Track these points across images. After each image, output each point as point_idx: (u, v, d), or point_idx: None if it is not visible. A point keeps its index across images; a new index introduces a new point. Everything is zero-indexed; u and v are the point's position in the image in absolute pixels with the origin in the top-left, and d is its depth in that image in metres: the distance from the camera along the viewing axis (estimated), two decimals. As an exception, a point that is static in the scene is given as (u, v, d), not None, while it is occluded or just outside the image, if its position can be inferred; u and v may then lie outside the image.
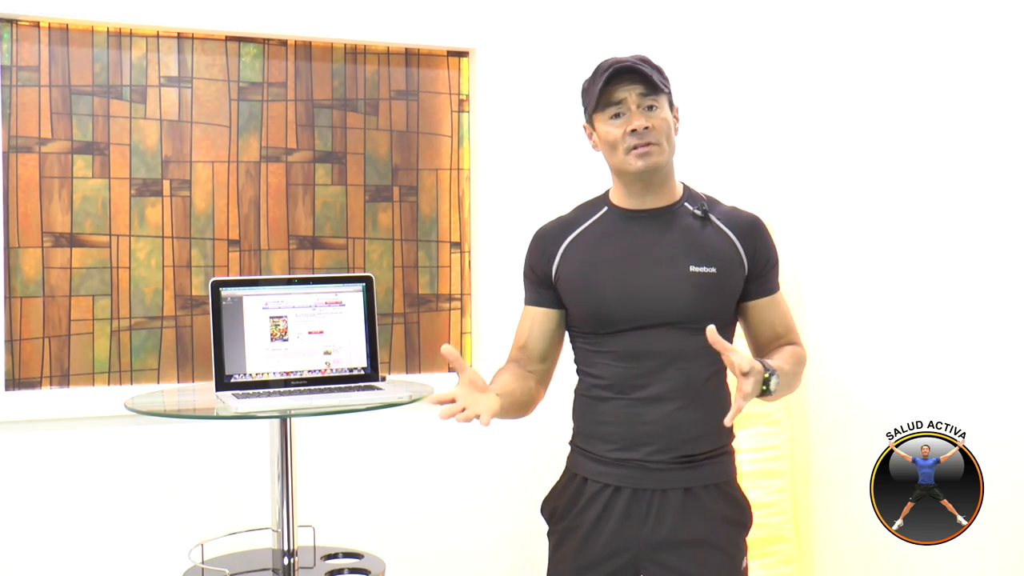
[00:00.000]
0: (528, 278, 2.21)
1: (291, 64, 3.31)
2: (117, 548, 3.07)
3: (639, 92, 2.04)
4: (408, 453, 3.35)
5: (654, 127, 2.04)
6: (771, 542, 3.28)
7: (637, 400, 2.06)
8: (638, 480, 2.07)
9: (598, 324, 2.10)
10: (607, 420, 2.10)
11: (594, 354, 2.12)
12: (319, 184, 3.34)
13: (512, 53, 3.43)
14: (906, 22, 3.09)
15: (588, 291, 2.10)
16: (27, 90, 3.06)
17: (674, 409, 2.05)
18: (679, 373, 2.06)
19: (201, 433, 3.11)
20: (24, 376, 3.06)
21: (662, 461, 2.06)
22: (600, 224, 2.15)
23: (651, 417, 2.05)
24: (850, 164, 3.30)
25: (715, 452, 2.10)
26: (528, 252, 2.21)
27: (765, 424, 3.31)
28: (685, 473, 2.07)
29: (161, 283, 3.19)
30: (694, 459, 2.07)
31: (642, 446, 2.06)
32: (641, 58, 2.10)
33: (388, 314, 3.40)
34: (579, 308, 2.12)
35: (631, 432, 2.07)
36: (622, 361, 2.08)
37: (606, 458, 2.09)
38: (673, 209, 2.12)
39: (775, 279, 2.17)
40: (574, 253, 2.13)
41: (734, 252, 2.09)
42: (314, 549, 2.75)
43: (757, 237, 2.13)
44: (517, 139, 3.43)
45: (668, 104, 2.09)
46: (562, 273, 2.14)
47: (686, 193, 2.16)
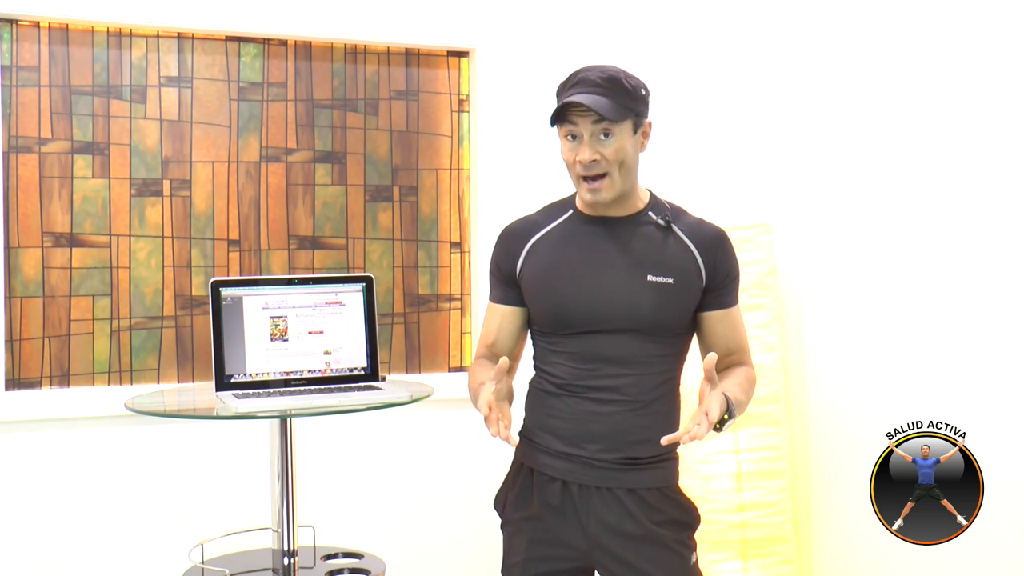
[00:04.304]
0: (494, 275, 2.23)
1: (291, 64, 3.31)
2: (117, 548, 3.07)
3: (592, 120, 2.02)
4: (408, 453, 3.35)
5: (604, 157, 2.03)
6: (771, 542, 3.28)
7: (589, 400, 2.09)
8: (583, 476, 2.09)
9: (556, 325, 2.12)
10: (557, 415, 2.12)
11: (551, 353, 2.15)
12: (319, 184, 3.34)
13: (512, 53, 3.43)
14: (906, 28, 3.08)
15: (548, 292, 2.12)
16: (27, 90, 3.06)
17: (623, 412, 2.08)
18: (632, 378, 2.08)
19: (201, 433, 3.11)
20: (24, 376, 3.06)
21: (607, 460, 2.08)
22: (564, 227, 2.16)
23: (600, 417, 2.08)
24: (850, 165, 3.30)
25: (660, 457, 2.12)
26: (494, 249, 2.23)
27: (765, 424, 3.31)
28: (629, 474, 2.09)
29: (161, 283, 3.19)
30: (638, 462, 2.09)
31: (589, 443, 2.09)
32: (610, 77, 2.03)
33: (388, 314, 3.40)
34: (539, 308, 2.15)
35: (579, 429, 2.09)
36: (577, 362, 2.10)
37: (553, 451, 2.12)
38: (636, 218, 2.13)
39: (733, 294, 2.18)
40: (538, 254, 2.15)
41: (693, 264, 2.11)
42: (314, 549, 2.75)
43: (718, 250, 2.13)
44: (517, 139, 3.43)
45: (633, 126, 2.05)
46: (525, 273, 2.16)
47: (652, 202, 2.16)
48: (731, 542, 3.22)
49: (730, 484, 3.26)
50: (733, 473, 3.28)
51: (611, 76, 2.04)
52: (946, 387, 2.90)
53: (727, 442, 3.28)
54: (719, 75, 3.58)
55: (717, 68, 3.58)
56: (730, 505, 3.24)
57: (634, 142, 2.07)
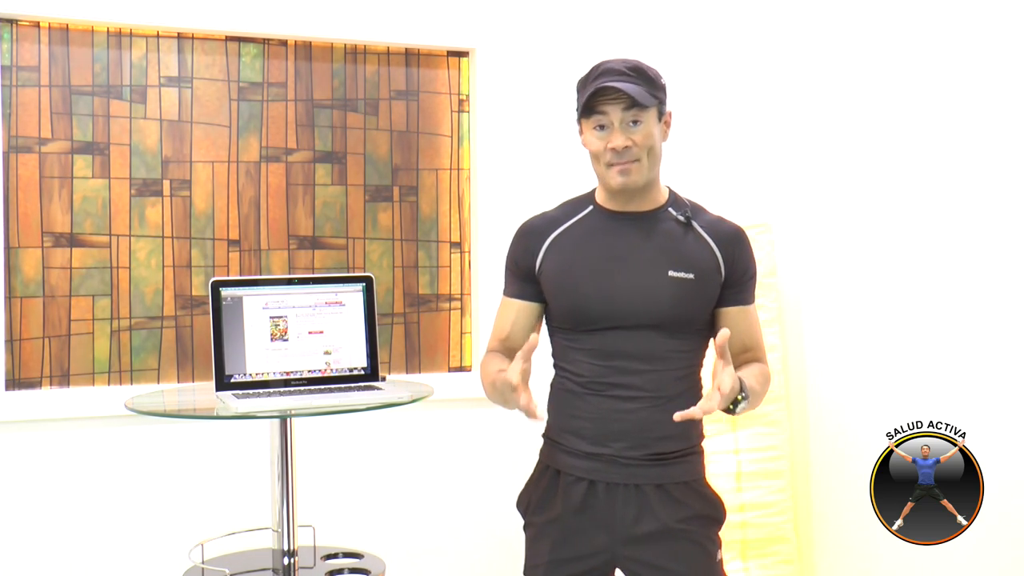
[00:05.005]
0: (511, 271, 2.23)
1: (291, 64, 3.31)
2: (117, 548, 3.07)
3: (623, 107, 2.04)
4: (408, 453, 3.35)
5: (635, 143, 2.05)
6: (771, 542, 3.29)
7: (611, 397, 2.09)
8: (611, 474, 2.09)
9: (576, 321, 2.12)
10: (580, 415, 2.12)
11: (571, 350, 2.14)
12: (319, 184, 3.34)
13: (512, 53, 3.43)
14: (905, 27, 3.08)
15: (569, 288, 2.12)
16: (27, 90, 3.06)
17: (646, 408, 2.08)
18: (653, 374, 2.09)
19: (201, 433, 3.11)
20: (24, 376, 3.06)
21: (633, 457, 2.09)
22: (584, 223, 2.16)
23: (623, 414, 2.08)
24: (850, 165, 3.30)
25: (685, 452, 2.13)
26: (512, 245, 2.23)
27: (765, 424, 3.31)
28: (657, 470, 2.10)
29: (161, 283, 3.19)
30: (665, 457, 2.10)
31: (614, 441, 2.09)
32: (633, 66, 2.07)
33: (388, 314, 3.40)
34: (559, 304, 2.15)
35: (604, 428, 2.09)
36: (598, 359, 2.10)
37: (578, 451, 2.12)
38: (656, 214, 2.14)
39: (750, 291, 2.19)
40: (557, 250, 2.15)
41: (713, 259, 2.12)
42: (314, 549, 2.75)
43: (737, 247, 2.15)
44: (517, 139, 3.43)
45: (657, 114, 2.08)
46: (545, 269, 2.16)
47: (671, 198, 2.17)
48: (731, 542, 3.22)
49: (730, 484, 3.26)
50: (733, 473, 3.28)
51: (635, 65, 2.08)
52: (946, 387, 2.90)
53: (727, 442, 3.28)
54: (719, 75, 3.58)
55: (717, 68, 3.58)
56: (730, 505, 3.23)
57: (659, 130, 2.10)
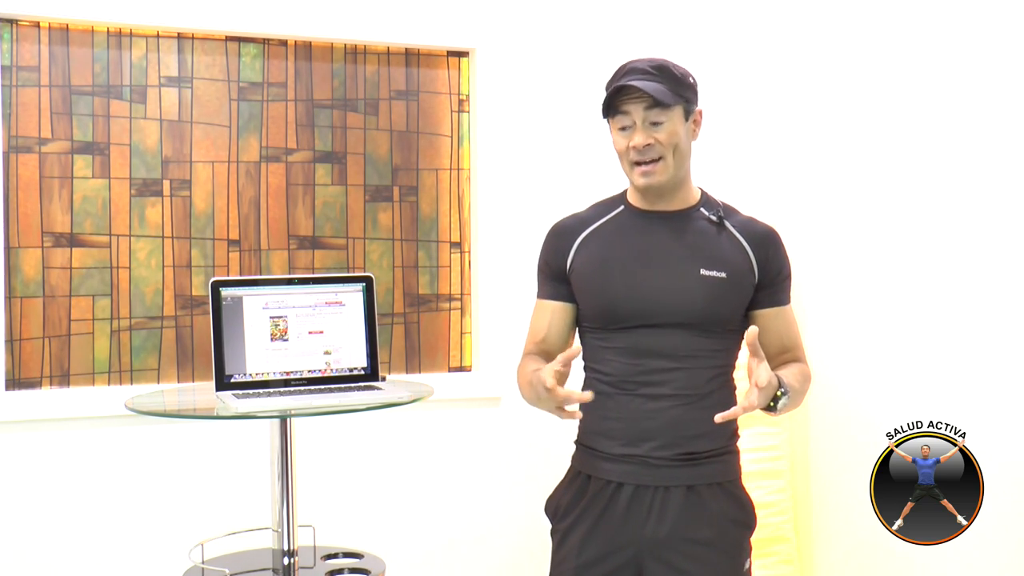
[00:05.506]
0: (543, 272, 2.23)
1: (291, 64, 3.31)
2: (117, 548, 3.07)
3: (645, 106, 2.04)
4: (408, 453, 3.35)
5: (658, 142, 2.05)
6: (771, 542, 3.28)
7: (642, 396, 2.08)
8: (641, 476, 2.07)
9: (607, 320, 2.11)
10: (612, 416, 2.10)
11: (602, 349, 2.13)
12: (319, 184, 3.34)
13: (512, 53, 3.43)
14: (908, 28, 3.08)
15: (599, 287, 2.11)
16: (27, 90, 3.06)
17: (677, 407, 2.07)
18: (684, 373, 2.07)
19: (201, 433, 3.11)
20: (24, 376, 3.06)
21: (664, 457, 2.07)
22: (615, 222, 2.16)
23: (654, 413, 2.07)
24: (850, 165, 3.30)
25: (718, 451, 2.11)
26: (543, 247, 2.23)
27: (765, 424, 3.31)
28: (688, 471, 2.08)
29: (161, 283, 3.19)
30: (697, 457, 2.08)
31: (645, 441, 2.07)
32: (659, 65, 2.07)
33: (388, 314, 3.40)
34: (590, 303, 2.14)
35: (635, 427, 2.08)
36: (629, 357, 2.09)
37: (610, 454, 2.10)
38: (688, 213, 2.14)
39: (786, 292, 2.18)
40: (588, 249, 2.15)
41: (746, 260, 2.11)
42: (314, 549, 2.74)
43: (770, 247, 2.15)
44: (517, 139, 3.43)
45: (684, 112, 2.08)
46: (576, 267, 2.16)
47: (703, 198, 2.18)
48: (731, 542, 3.22)
49: (730, 484, 3.26)
50: (733, 473, 3.27)
51: (660, 64, 2.07)
52: (946, 387, 2.90)
53: (727, 442, 3.28)
54: (720, 76, 3.58)
55: (718, 69, 3.58)
56: (730, 505, 3.24)
57: (686, 129, 2.09)
